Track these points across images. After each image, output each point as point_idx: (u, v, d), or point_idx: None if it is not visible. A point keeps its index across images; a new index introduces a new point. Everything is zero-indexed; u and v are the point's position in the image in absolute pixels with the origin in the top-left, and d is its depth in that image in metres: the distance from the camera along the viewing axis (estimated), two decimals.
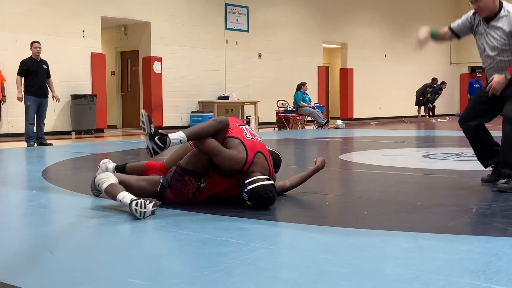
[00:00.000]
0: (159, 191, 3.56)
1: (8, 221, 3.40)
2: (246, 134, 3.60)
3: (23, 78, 9.12)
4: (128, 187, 3.40)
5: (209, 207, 3.48)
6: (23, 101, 9.15)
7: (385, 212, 3.41)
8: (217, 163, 3.49)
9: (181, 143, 3.52)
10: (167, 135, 3.49)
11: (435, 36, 4.35)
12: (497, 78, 4.00)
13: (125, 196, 3.25)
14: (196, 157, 3.52)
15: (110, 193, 3.36)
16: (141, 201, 3.15)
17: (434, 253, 2.47)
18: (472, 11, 4.22)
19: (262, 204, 3.44)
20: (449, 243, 2.65)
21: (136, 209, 3.13)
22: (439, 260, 2.32)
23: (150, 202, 3.21)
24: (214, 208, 3.45)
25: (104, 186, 3.30)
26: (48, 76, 9.38)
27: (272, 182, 3.48)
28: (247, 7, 16.32)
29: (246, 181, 3.44)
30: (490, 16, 4.12)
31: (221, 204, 3.60)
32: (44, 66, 9.26)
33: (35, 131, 9.24)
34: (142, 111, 3.49)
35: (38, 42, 9.28)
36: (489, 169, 4.32)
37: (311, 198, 4.07)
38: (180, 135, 3.48)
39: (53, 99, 9.44)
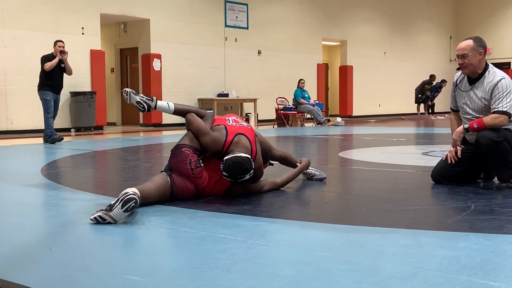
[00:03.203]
0: (171, 185, 3.54)
1: (6, 217, 3.41)
2: (228, 121, 3.86)
3: (41, 73, 9.10)
4: (146, 196, 3.32)
5: (208, 204, 3.49)
6: (41, 96, 9.10)
7: (383, 209, 3.42)
8: (202, 143, 3.67)
9: (168, 106, 3.85)
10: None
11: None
12: (457, 129, 4.12)
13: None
14: (189, 136, 3.73)
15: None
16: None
17: (432, 250, 2.47)
18: (454, 79, 4.33)
19: (233, 169, 3.47)
20: (448, 240, 2.65)
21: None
22: (437, 257, 2.33)
23: (123, 204, 2.99)
24: (212, 205, 3.45)
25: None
26: (63, 72, 9.28)
27: (248, 156, 3.54)
28: (246, 4, 16.31)
29: (225, 158, 3.54)
30: (474, 77, 4.15)
31: (220, 202, 3.61)
32: (62, 65, 9.29)
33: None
34: (124, 89, 3.85)
35: (62, 41, 9.30)
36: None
37: (309, 195, 4.07)
38: (169, 102, 3.91)
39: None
